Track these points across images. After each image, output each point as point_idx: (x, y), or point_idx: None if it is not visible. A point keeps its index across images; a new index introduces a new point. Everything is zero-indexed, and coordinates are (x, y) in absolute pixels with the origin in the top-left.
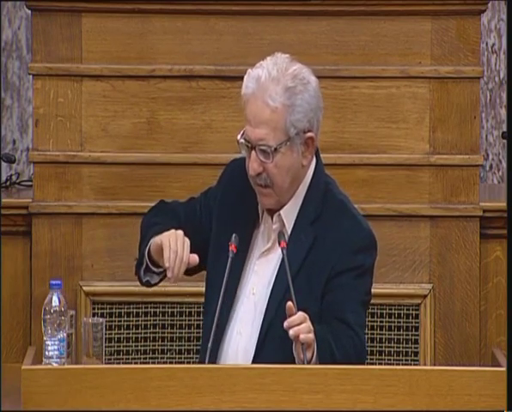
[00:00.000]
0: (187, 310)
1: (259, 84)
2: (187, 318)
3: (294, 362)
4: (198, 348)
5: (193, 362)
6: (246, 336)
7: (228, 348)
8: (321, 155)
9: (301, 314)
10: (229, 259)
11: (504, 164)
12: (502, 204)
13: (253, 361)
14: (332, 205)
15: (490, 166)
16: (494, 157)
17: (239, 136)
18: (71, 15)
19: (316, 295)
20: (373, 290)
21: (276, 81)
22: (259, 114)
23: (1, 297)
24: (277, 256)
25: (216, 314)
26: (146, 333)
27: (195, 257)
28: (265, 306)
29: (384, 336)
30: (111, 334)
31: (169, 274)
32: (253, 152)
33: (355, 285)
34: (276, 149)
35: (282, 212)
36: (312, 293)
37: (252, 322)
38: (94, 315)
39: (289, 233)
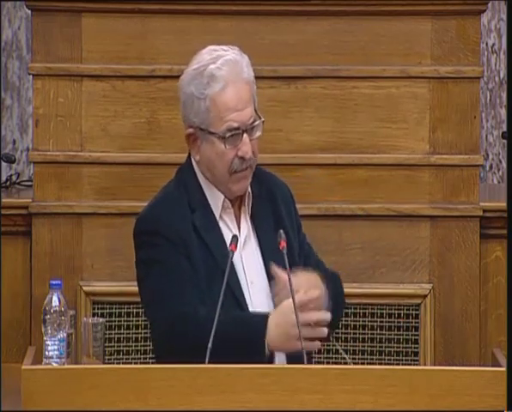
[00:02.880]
0: None
1: (232, 67)
2: None
3: None
4: None
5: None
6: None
7: None
8: (321, 155)
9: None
10: (229, 259)
11: (504, 164)
12: (502, 204)
13: None
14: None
15: (490, 166)
16: (494, 157)
17: (220, 132)
18: (71, 15)
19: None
20: (373, 290)
21: (241, 57)
22: (242, 94)
23: (1, 297)
24: (255, 238)
25: (217, 314)
26: (146, 333)
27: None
28: (268, 293)
29: (384, 336)
30: (111, 334)
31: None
32: (245, 135)
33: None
34: (263, 122)
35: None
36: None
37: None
38: (94, 315)
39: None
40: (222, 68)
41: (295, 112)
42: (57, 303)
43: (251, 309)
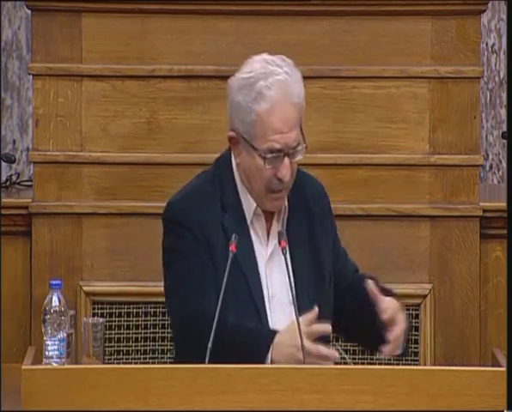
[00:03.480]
0: None
1: (282, 89)
2: None
3: None
4: None
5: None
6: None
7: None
8: (321, 155)
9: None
10: (229, 259)
11: (504, 164)
12: (502, 204)
13: None
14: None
15: (490, 166)
16: (494, 157)
17: (261, 150)
18: (71, 15)
19: (326, 275)
20: None
21: (295, 77)
22: (289, 117)
23: (1, 297)
24: (281, 259)
25: (216, 314)
26: (146, 333)
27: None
28: (289, 310)
29: None
30: (111, 334)
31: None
32: (286, 158)
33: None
34: (306, 147)
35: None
36: (324, 275)
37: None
38: (94, 315)
39: (285, 223)
40: (272, 88)
41: None
42: (57, 303)
43: (270, 324)
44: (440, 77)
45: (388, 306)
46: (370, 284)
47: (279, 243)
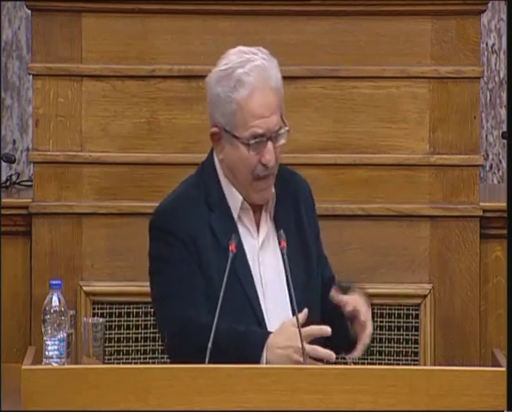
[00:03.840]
0: None
1: (261, 73)
2: None
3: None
4: None
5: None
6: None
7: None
8: (321, 155)
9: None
10: (229, 259)
11: (504, 164)
12: (502, 204)
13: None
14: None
15: (490, 166)
16: (494, 157)
17: (244, 138)
18: (71, 15)
19: (314, 265)
20: (373, 290)
21: (272, 64)
22: (269, 102)
23: (1, 297)
24: (274, 240)
25: (217, 314)
26: (146, 333)
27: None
28: (284, 297)
29: (384, 336)
30: (111, 334)
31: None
32: (270, 142)
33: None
34: (288, 130)
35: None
36: (312, 265)
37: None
38: (94, 315)
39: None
40: (250, 73)
41: (295, 112)
42: (57, 303)
43: (264, 312)
44: (440, 77)
45: (349, 300)
46: (332, 292)
47: (279, 243)
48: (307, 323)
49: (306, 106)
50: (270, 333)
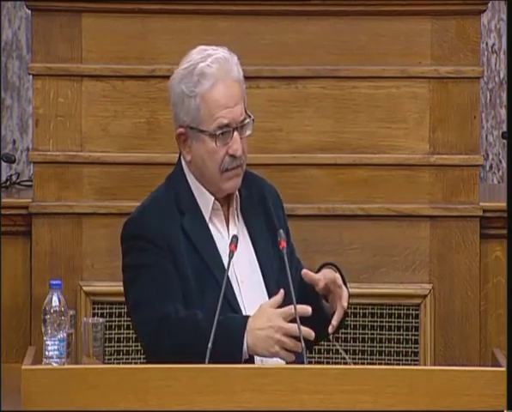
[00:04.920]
0: None
1: (222, 65)
2: None
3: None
4: None
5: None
6: None
7: None
8: (321, 155)
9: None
10: (229, 259)
11: (504, 164)
12: (502, 204)
13: None
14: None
15: (490, 166)
16: (494, 157)
17: (210, 130)
18: (71, 15)
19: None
20: (373, 290)
21: (230, 56)
22: (232, 92)
23: (1, 297)
24: (244, 238)
25: (217, 314)
26: None
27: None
28: (261, 292)
29: (384, 336)
30: (111, 334)
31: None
32: (236, 133)
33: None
34: (253, 120)
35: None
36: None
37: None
38: (94, 315)
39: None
40: (212, 65)
41: (295, 112)
42: (57, 303)
43: (243, 309)
44: (440, 77)
45: (320, 277)
46: (303, 272)
47: (279, 243)
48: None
49: (306, 105)
50: (249, 317)
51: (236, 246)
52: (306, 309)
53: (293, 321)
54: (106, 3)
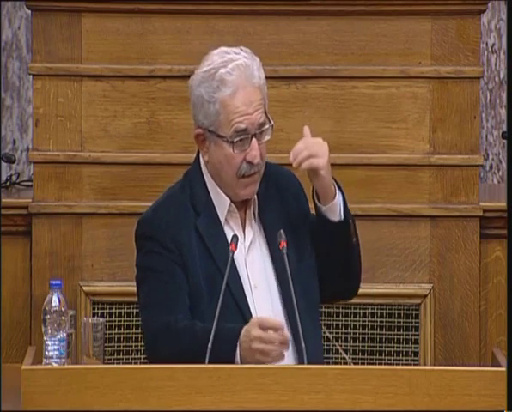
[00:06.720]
0: None
1: (243, 71)
2: None
3: None
4: None
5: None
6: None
7: None
8: None
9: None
10: (230, 259)
11: (504, 164)
12: (502, 204)
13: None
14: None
15: (490, 166)
16: (494, 157)
17: (228, 136)
18: (71, 15)
19: (307, 247)
20: (373, 290)
21: (254, 62)
22: (252, 99)
23: (1, 297)
24: (260, 242)
25: (217, 314)
26: None
27: None
28: (275, 297)
29: (384, 336)
30: (111, 334)
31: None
32: (254, 139)
33: None
34: (273, 126)
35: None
36: (304, 248)
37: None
38: (94, 315)
39: (257, 211)
40: (233, 73)
41: (295, 112)
42: (57, 303)
43: (254, 314)
44: (440, 77)
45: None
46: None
47: (279, 243)
48: (292, 311)
49: (306, 106)
50: (241, 330)
51: (236, 246)
52: (279, 322)
53: (292, 321)
54: (106, 3)
